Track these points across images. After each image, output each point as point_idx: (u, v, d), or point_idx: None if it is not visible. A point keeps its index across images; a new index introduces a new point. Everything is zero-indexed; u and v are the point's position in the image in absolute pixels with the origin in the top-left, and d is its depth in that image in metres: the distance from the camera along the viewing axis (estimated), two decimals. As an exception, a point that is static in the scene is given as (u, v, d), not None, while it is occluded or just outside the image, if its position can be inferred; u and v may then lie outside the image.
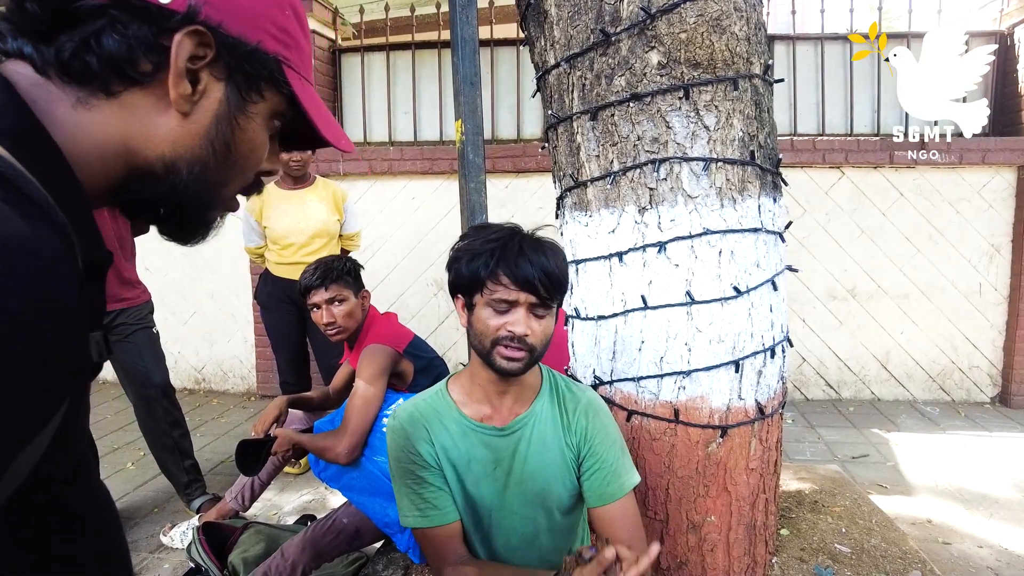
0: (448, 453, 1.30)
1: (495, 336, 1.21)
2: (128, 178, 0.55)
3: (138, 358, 2.60)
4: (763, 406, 1.66)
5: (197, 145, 0.56)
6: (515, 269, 1.18)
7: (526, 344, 1.21)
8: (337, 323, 2.15)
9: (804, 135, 4.26)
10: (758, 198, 1.62)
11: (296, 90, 0.61)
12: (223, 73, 0.56)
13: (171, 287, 4.58)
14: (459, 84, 2.16)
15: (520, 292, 1.18)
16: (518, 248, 1.20)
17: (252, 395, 4.61)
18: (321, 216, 3.16)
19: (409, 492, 1.30)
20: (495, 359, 1.22)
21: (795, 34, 4.25)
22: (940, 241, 4.16)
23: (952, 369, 4.25)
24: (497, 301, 1.20)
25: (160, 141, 0.54)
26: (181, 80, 0.53)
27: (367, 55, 4.53)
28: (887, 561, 1.83)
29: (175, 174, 0.56)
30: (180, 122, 0.55)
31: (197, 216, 0.61)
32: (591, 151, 1.64)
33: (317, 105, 0.64)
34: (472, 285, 1.22)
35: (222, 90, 0.57)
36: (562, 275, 1.22)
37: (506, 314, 1.21)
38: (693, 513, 1.65)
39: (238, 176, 0.61)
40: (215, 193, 0.60)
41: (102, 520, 0.56)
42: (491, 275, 1.19)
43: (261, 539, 2.18)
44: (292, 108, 0.62)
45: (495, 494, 1.31)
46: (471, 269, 1.21)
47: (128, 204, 0.57)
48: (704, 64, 1.52)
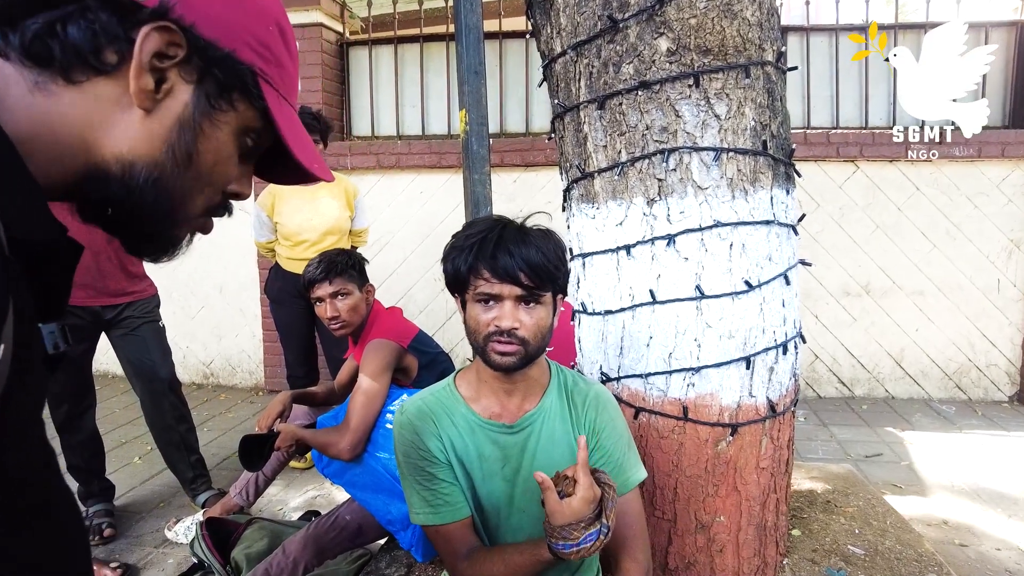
0: (456, 449, 1.27)
1: (485, 332, 1.18)
2: (84, 174, 0.53)
3: (145, 352, 2.59)
4: (775, 404, 1.61)
5: (157, 148, 0.54)
6: (493, 262, 1.15)
7: (517, 337, 1.17)
8: (341, 317, 2.12)
9: (818, 128, 4.19)
10: (770, 189, 1.57)
11: (271, 106, 0.59)
12: (193, 76, 0.54)
13: (179, 282, 4.58)
14: (463, 73, 2.12)
15: (502, 285, 1.15)
16: (497, 240, 1.16)
17: (260, 390, 4.61)
18: (334, 213, 3.14)
19: (420, 489, 1.26)
20: (489, 355, 1.19)
21: (809, 25, 4.17)
22: (957, 236, 4.07)
23: (969, 367, 4.17)
24: (482, 295, 1.18)
25: (118, 137, 0.52)
26: (143, 74, 0.51)
27: (375, 48, 4.50)
28: (902, 564, 1.78)
29: (131, 176, 0.53)
30: (141, 120, 0.53)
31: (156, 229, 0.58)
32: (598, 141, 1.60)
33: (295, 128, 0.62)
34: (458, 282, 1.20)
35: (190, 93, 0.55)
36: (551, 263, 1.17)
37: (492, 308, 1.18)
38: (702, 513, 1.61)
39: (202, 189, 0.59)
40: (176, 206, 0.57)
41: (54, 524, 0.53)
42: (471, 270, 1.17)
43: (265, 535, 2.17)
44: (268, 129, 0.60)
45: (503, 492, 1.28)
46: (454, 266, 1.20)
47: (83, 204, 0.55)
48: (715, 51, 1.48)
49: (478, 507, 1.29)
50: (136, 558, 2.43)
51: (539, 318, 1.19)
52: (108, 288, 2.50)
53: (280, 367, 4.23)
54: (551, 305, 1.23)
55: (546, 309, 1.21)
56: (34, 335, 0.51)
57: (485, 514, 1.30)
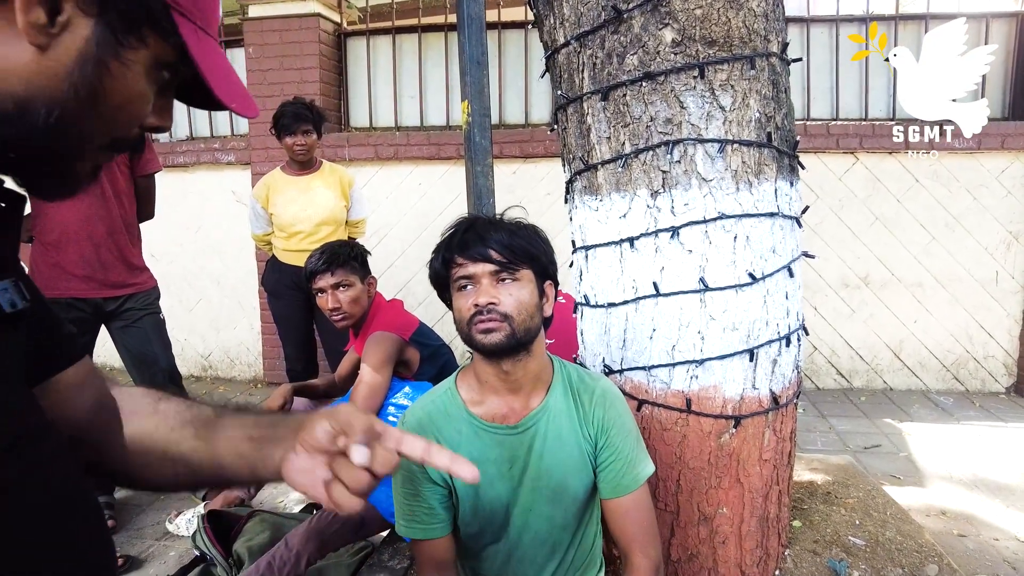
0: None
1: (468, 316, 1.19)
2: None
3: (145, 344, 2.58)
4: (777, 396, 1.61)
5: (57, 87, 0.49)
6: (463, 246, 1.19)
7: (499, 313, 1.17)
8: (342, 309, 2.11)
9: (818, 120, 4.18)
10: (775, 181, 1.57)
11: (187, 40, 0.54)
12: (93, 9, 0.49)
13: (177, 274, 4.57)
14: (465, 64, 2.11)
15: (475, 265, 1.18)
16: (466, 228, 1.21)
17: (259, 382, 4.61)
18: (328, 203, 3.12)
19: (401, 500, 1.27)
20: (475, 338, 1.19)
21: (809, 16, 4.16)
22: (956, 228, 4.08)
23: (967, 359, 4.18)
24: (459, 281, 1.20)
25: (11, 75, 0.48)
26: (32, 6, 0.46)
27: (373, 39, 4.47)
28: (903, 555, 1.79)
29: (29, 115, 0.49)
30: (35, 57, 0.48)
31: (58, 167, 0.54)
32: (602, 133, 1.59)
33: (215, 60, 0.57)
34: (440, 280, 1.24)
35: (90, 27, 0.49)
36: (524, 242, 1.20)
37: (471, 291, 1.20)
38: (705, 505, 1.61)
39: (110, 127, 0.54)
40: (81, 144, 0.53)
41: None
42: (445, 263, 1.21)
43: (266, 527, 2.17)
44: (186, 62, 0.55)
45: (510, 492, 1.27)
46: (433, 267, 1.24)
47: None
48: (720, 42, 1.47)
49: (484, 509, 1.28)
50: (138, 550, 2.43)
51: (519, 295, 1.19)
52: (109, 280, 2.49)
53: (278, 359, 4.23)
54: (533, 284, 1.23)
55: (527, 287, 1.21)
56: None
57: (491, 515, 1.29)
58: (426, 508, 1.25)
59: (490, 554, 1.34)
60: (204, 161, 4.47)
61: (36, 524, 0.51)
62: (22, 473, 0.51)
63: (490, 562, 1.35)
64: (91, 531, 0.58)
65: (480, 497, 1.27)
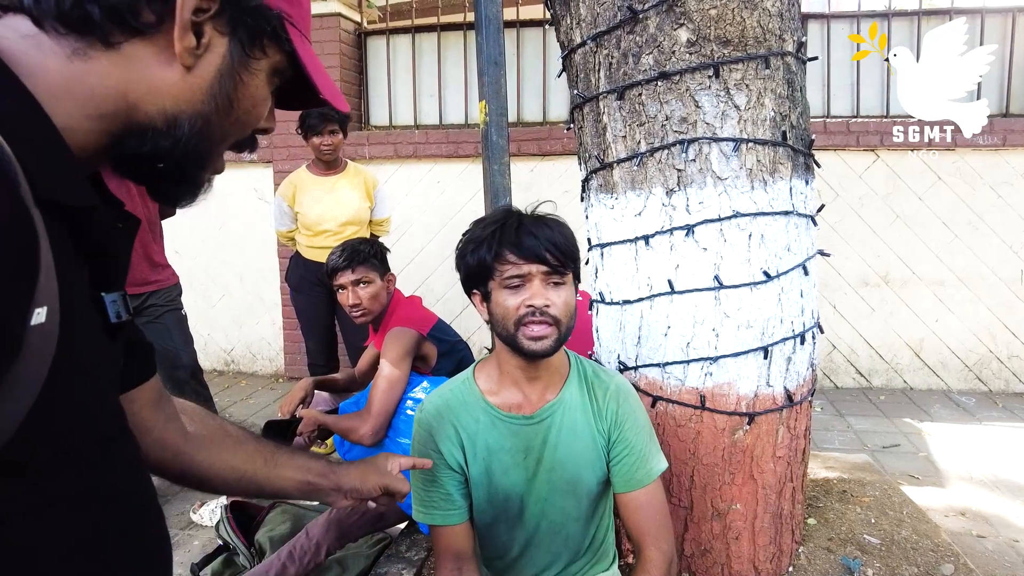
0: (476, 445, 1.29)
1: (517, 315, 1.18)
2: (127, 132, 0.54)
3: (167, 339, 2.64)
4: (792, 393, 1.62)
5: (199, 100, 0.55)
6: (518, 244, 1.17)
7: (550, 316, 1.18)
8: (362, 305, 2.15)
9: (838, 117, 4.15)
10: (790, 180, 1.57)
11: (297, 47, 0.60)
12: (227, 27, 0.55)
13: (200, 270, 4.65)
14: (483, 64, 2.13)
15: (530, 264, 1.17)
16: (517, 224, 1.19)
17: (280, 377, 4.68)
18: (353, 203, 3.18)
19: (419, 486, 1.30)
20: (522, 342, 1.19)
21: (830, 12, 4.12)
22: (980, 226, 4.02)
23: (990, 358, 4.13)
24: (509, 279, 1.18)
25: (162, 95, 0.54)
26: (186, 32, 0.52)
27: (393, 38, 4.51)
28: (918, 554, 1.79)
29: (177, 128, 0.55)
30: (183, 76, 0.54)
31: (192, 174, 0.60)
32: (617, 131, 1.61)
33: (316, 63, 0.64)
34: (482, 273, 1.21)
35: (225, 45, 0.56)
36: (569, 243, 1.21)
37: (521, 290, 1.19)
38: (718, 500, 1.63)
39: (237, 131, 0.61)
40: (214, 148, 0.60)
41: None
42: (496, 257, 1.18)
43: (287, 518, 2.21)
44: (291, 66, 0.62)
45: (524, 483, 1.30)
46: (476, 257, 1.21)
47: (126, 160, 0.56)
48: (735, 41, 1.48)
49: (499, 498, 1.31)
50: (162, 539, 2.49)
51: (567, 297, 1.21)
52: (133, 278, 2.55)
53: (299, 354, 4.29)
54: (573, 287, 1.25)
55: (570, 289, 1.23)
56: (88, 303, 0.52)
57: (506, 504, 1.31)
58: (443, 494, 1.29)
59: (506, 544, 1.36)
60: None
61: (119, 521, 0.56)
62: (112, 472, 0.55)
63: (505, 552, 1.37)
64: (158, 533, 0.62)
65: (495, 485, 1.30)
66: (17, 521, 0.46)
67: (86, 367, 0.50)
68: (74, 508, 0.50)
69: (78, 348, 0.48)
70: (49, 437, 0.46)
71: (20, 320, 0.41)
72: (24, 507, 0.46)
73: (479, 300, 1.27)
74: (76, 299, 0.48)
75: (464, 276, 1.26)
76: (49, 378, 0.44)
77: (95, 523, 0.53)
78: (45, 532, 0.48)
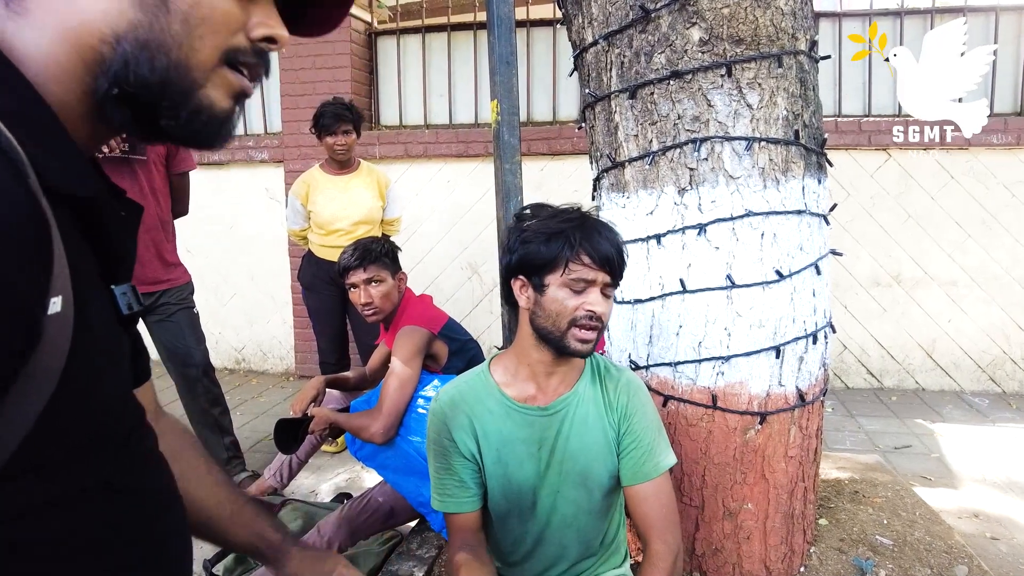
0: (489, 435, 1.30)
1: (573, 316, 1.21)
2: (94, 75, 0.49)
3: (179, 337, 2.66)
4: (804, 393, 1.61)
5: (127, 8, 0.49)
6: (597, 247, 1.20)
7: (601, 323, 1.23)
8: (374, 304, 2.16)
9: (849, 116, 4.12)
10: (802, 179, 1.57)
11: None
12: None
13: (212, 268, 4.68)
14: (495, 64, 2.14)
15: (599, 271, 1.21)
16: (594, 227, 1.22)
17: (291, 375, 4.70)
18: (366, 203, 3.20)
19: (435, 475, 1.34)
20: (569, 342, 1.22)
21: (842, 11, 4.10)
22: (993, 226, 3.99)
23: (1004, 359, 4.09)
24: (575, 281, 1.20)
25: (94, 18, 0.48)
26: None
27: (403, 38, 4.52)
28: (931, 555, 1.78)
29: (121, 47, 0.49)
30: None
31: (178, 93, 0.52)
32: (629, 130, 1.61)
33: None
34: (548, 265, 1.21)
35: None
36: (625, 254, 1.26)
37: (583, 294, 1.21)
38: (729, 500, 1.63)
39: (199, 35, 0.51)
40: (179, 61, 0.50)
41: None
42: (575, 254, 1.19)
43: (299, 516, 2.23)
44: None
45: (537, 474, 1.32)
46: (552, 249, 1.20)
47: (118, 112, 0.51)
48: (747, 40, 1.47)
49: (512, 489, 1.32)
50: (175, 536, 2.51)
51: (611, 305, 1.27)
52: (145, 276, 2.57)
53: (310, 353, 4.31)
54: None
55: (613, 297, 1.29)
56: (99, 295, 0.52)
57: (519, 496, 1.33)
58: (457, 481, 1.31)
59: (519, 538, 1.37)
60: (238, 159, 4.57)
61: (137, 514, 0.55)
62: (131, 464, 0.55)
63: (518, 546, 1.38)
64: (177, 525, 0.62)
65: (508, 476, 1.31)
66: (36, 516, 0.45)
67: (102, 357, 0.50)
68: (92, 501, 0.50)
69: (93, 337, 0.48)
70: (67, 429, 0.46)
71: (41, 309, 0.41)
72: (44, 501, 0.46)
73: (520, 287, 1.27)
74: (87, 288, 0.48)
75: (519, 261, 1.25)
76: (66, 369, 0.44)
77: (113, 517, 0.52)
78: (64, 527, 0.47)
